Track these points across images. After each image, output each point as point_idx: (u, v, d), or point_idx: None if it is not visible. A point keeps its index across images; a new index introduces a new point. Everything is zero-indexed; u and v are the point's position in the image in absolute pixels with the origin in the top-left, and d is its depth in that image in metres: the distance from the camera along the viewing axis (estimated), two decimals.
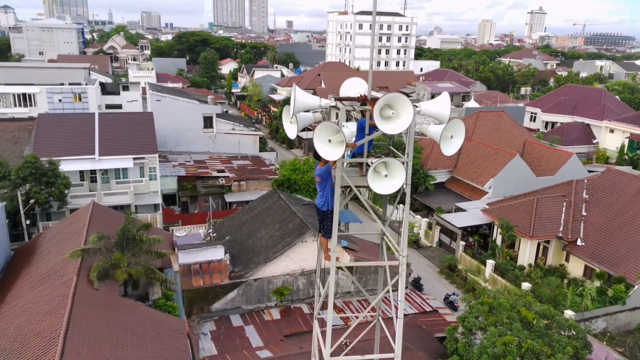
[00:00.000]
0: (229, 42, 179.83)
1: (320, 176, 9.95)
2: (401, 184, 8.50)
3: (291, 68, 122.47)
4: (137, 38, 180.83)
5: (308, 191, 47.51)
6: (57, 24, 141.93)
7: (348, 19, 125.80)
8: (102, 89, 70.01)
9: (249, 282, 28.12)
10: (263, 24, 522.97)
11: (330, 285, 10.06)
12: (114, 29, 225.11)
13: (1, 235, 30.04)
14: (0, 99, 59.54)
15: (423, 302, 30.70)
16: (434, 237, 44.64)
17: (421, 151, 51.83)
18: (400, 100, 7.65)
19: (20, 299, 23.99)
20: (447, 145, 9.02)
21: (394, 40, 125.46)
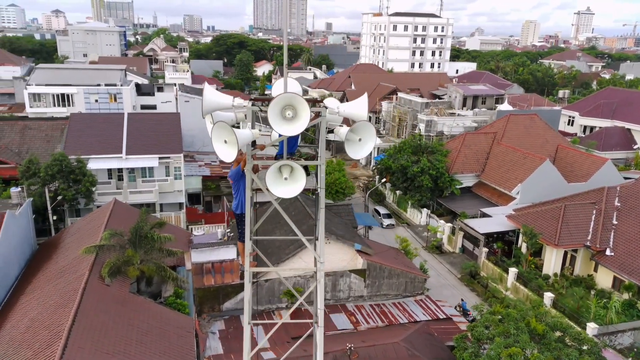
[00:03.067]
0: (266, 45, 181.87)
1: (232, 178, 9.79)
2: (301, 188, 8.23)
3: (324, 70, 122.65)
4: (177, 40, 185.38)
5: (331, 193, 47.39)
6: (100, 27, 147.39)
7: (382, 20, 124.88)
8: (137, 90, 72.07)
9: (260, 282, 28.19)
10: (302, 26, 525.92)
11: (246, 293, 9.82)
12: (155, 32, 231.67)
13: (27, 230, 31.35)
14: (41, 99, 62.14)
15: (437, 309, 29.98)
16: (456, 243, 43.60)
17: (447, 154, 50.82)
18: (297, 101, 7.41)
19: (37, 291, 24.90)
20: (355, 148, 8.68)
21: (428, 41, 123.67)
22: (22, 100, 64.63)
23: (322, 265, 9.71)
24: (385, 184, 55.51)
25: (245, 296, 9.97)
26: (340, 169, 50.21)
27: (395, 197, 54.20)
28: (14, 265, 28.07)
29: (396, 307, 30.21)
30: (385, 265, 30.80)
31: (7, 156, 40.34)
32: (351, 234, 32.96)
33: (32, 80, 63.82)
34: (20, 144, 42.61)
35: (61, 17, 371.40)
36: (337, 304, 29.89)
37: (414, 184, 49.31)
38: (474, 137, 53.87)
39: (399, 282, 31.27)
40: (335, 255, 30.20)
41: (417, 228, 48.52)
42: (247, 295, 9.92)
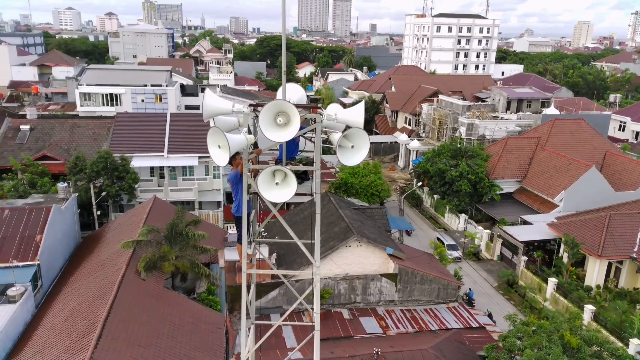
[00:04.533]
0: (308, 46, 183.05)
1: (231, 181, 9.92)
2: (291, 194, 8.24)
3: (365, 72, 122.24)
4: (222, 42, 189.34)
5: (366, 195, 47.22)
6: (149, 29, 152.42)
7: (426, 21, 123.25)
8: (182, 91, 74.22)
9: (291, 282, 28.43)
10: (346, 28, 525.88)
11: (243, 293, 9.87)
12: (201, 34, 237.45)
13: (72, 224, 32.85)
14: (91, 98, 64.97)
15: (470, 317, 29.35)
16: (495, 250, 42.51)
17: (488, 159, 49.67)
18: (288, 108, 7.43)
19: (78, 282, 26.08)
20: (347, 155, 8.57)
21: (473, 43, 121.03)
22: (74, 99, 67.70)
23: (318, 270, 9.73)
24: (423, 188, 54.78)
25: (243, 297, 10.15)
26: (376, 171, 49.96)
27: (433, 201, 53.41)
28: (58, 257, 29.47)
29: (427, 313, 29.79)
30: (418, 271, 30.42)
31: (57, 153, 42.40)
32: (384, 237, 32.74)
33: (83, 80, 66.82)
34: (69, 142, 44.68)
35: (114, 19, 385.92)
36: (367, 307, 29.78)
37: (452, 189, 48.44)
38: (516, 142, 52.41)
39: (431, 288, 30.82)
40: (367, 259, 30.11)
41: (455, 233, 47.61)
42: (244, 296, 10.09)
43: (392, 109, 79.71)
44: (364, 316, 28.82)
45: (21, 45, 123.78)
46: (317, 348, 10.25)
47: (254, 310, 11.36)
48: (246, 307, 10.25)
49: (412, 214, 53.24)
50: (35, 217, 28.06)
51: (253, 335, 11.06)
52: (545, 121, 57.23)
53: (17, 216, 27.64)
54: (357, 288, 29.71)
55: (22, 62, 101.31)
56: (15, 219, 27.48)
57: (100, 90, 64.82)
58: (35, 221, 27.81)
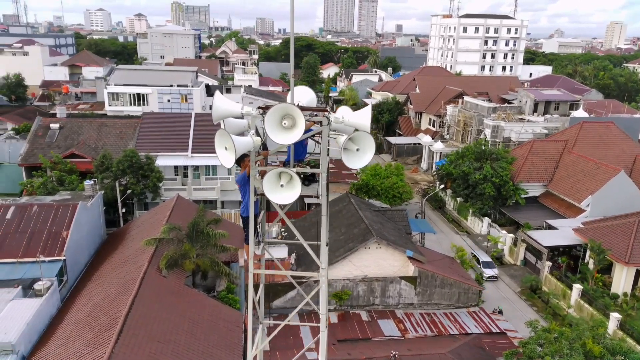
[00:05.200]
0: (333, 47, 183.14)
1: (239, 182, 10.00)
2: (295, 197, 8.25)
3: (390, 72, 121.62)
4: (248, 43, 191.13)
5: (387, 197, 46.98)
6: (176, 30, 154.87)
7: (452, 22, 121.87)
8: (207, 91, 75.17)
9: (309, 283, 28.52)
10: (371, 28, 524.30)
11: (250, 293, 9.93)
12: (227, 35, 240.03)
13: (98, 221, 33.63)
14: (119, 98, 66.39)
15: (491, 323, 28.93)
16: (518, 255, 41.77)
17: (513, 162, 48.83)
18: (293, 111, 7.43)
19: (102, 278, 26.69)
20: (352, 158, 8.52)
21: (500, 44, 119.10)
22: (102, 98, 69.30)
23: (324, 271, 9.74)
24: (446, 191, 54.21)
25: (249, 297, 10.24)
26: (398, 173, 49.65)
27: (456, 204, 52.78)
28: (84, 253, 30.21)
29: (447, 317, 29.49)
30: (438, 274, 30.15)
31: (85, 151, 43.48)
32: (404, 240, 32.55)
33: (111, 80, 68.36)
34: (97, 140, 45.77)
35: (143, 20, 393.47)
36: (386, 310, 29.65)
37: (475, 192, 47.77)
38: (542, 145, 51.40)
39: (451, 292, 30.50)
40: (386, 261, 30.00)
41: (477, 237, 46.99)
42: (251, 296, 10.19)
43: (416, 110, 79.09)
44: (382, 318, 28.71)
45: (53, 46, 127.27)
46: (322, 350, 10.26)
47: (263, 309, 11.46)
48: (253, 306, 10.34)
49: (434, 217, 52.74)
50: (62, 213, 28.82)
51: (261, 335, 11.16)
52: (573, 124, 55.97)
53: (45, 212, 28.44)
54: (375, 290, 29.61)
55: (54, 63, 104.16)
56: (43, 215, 28.29)
57: (128, 90, 66.18)
58: (62, 217, 28.56)
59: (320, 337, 10.34)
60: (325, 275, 9.90)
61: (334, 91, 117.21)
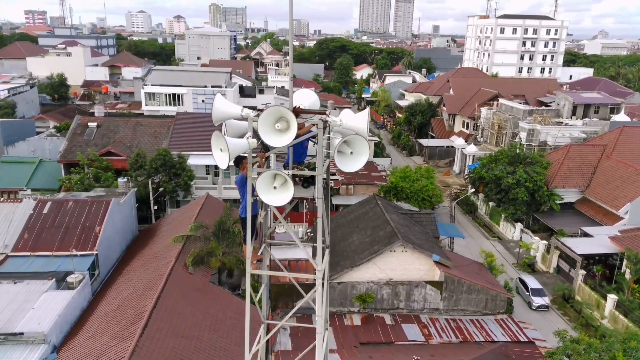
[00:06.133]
0: (367, 48, 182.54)
1: (237, 183, 10.05)
2: (287, 199, 8.22)
3: (424, 74, 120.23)
4: (282, 44, 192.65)
5: (417, 200, 46.47)
6: (213, 32, 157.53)
7: (489, 22, 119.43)
8: (240, 92, 76.27)
9: (333, 284, 28.53)
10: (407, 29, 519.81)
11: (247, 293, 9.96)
12: (263, 36, 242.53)
13: (130, 217, 34.63)
14: (155, 98, 68.14)
15: (518, 331, 28.21)
16: (551, 262, 40.57)
17: (548, 167, 47.50)
18: (286, 114, 7.40)
19: (132, 273, 27.47)
20: (346, 161, 8.44)
21: (539, 45, 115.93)
22: (139, 98, 71.26)
23: (320, 273, 9.73)
24: (478, 195, 53.20)
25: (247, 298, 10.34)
26: (429, 175, 49.05)
27: (488, 209, 51.70)
28: (115, 248, 31.16)
29: (473, 324, 28.93)
30: (465, 280, 29.62)
31: (120, 149, 44.79)
32: (430, 244, 32.13)
33: (148, 80, 70.22)
34: (132, 139, 47.08)
35: (182, 22, 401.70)
36: (411, 314, 29.33)
37: (508, 196, 46.65)
38: (579, 149, 49.78)
39: (478, 298, 29.91)
40: (412, 265, 29.68)
41: (509, 243, 45.93)
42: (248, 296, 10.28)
43: (450, 112, 77.95)
44: (406, 323, 28.41)
45: (95, 47, 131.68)
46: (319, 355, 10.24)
47: (266, 309, 11.58)
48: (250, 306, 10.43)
49: (464, 221, 51.82)
50: (96, 209, 29.81)
51: (264, 334, 11.26)
52: (613, 128, 53.99)
53: (79, 208, 29.48)
54: (400, 294, 29.34)
55: (95, 63, 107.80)
56: (78, 211, 29.33)
57: (164, 91, 67.85)
58: (96, 213, 29.55)
59: (316, 340, 10.33)
60: (321, 277, 9.91)
61: (367, 92, 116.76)
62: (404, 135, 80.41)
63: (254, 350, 10.52)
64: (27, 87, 75.31)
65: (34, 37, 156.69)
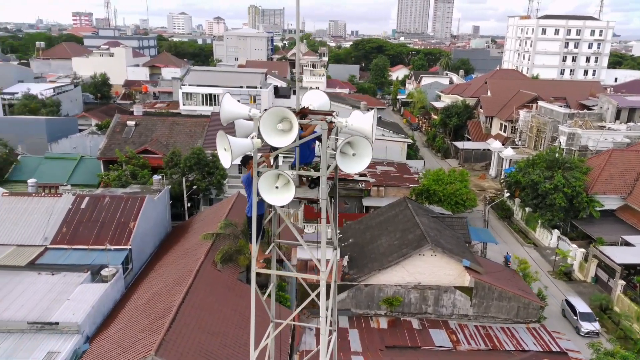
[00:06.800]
0: (404, 49, 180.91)
1: (244, 182, 10.11)
2: (288, 200, 8.17)
3: (461, 75, 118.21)
4: (318, 46, 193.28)
5: (450, 204, 45.73)
6: (250, 33, 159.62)
7: (530, 23, 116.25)
8: (275, 93, 76.93)
9: (360, 286, 28.42)
10: (446, 30, 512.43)
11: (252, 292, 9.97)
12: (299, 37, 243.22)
13: (164, 213, 35.46)
14: (192, 98, 69.57)
15: (551, 341, 27.34)
16: (589, 271, 39.16)
17: (588, 172, 45.87)
18: (288, 115, 7.35)
19: (163, 268, 28.13)
20: (349, 162, 8.32)
21: (583, 46, 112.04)
22: (177, 98, 72.94)
23: (324, 274, 9.71)
24: (514, 200, 51.90)
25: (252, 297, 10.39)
26: (463, 179, 48.17)
27: (524, 214, 50.36)
28: (149, 243, 31.98)
29: (504, 332, 28.22)
30: (496, 286, 28.93)
31: (157, 147, 45.95)
32: (461, 248, 31.53)
33: (186, 81, 71.75)
34: (168, 137, 48.23)
35: (221, 23, 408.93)
36: (439, 319, 28.87)
37: (545, 202, 45.31)
38: (622, 155, 47.89)
39: (510, 305, 29.15)
40: (441, 269, 29.20)
41: (545, 250, 44.62)
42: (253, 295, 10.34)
43: (487, 114, 76.36)
44: (434, 328, 28.00)
45: (137, 48, 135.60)
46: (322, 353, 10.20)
47: (274, 309, 11.67)
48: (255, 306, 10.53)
49: (499, 227, 50.65)
50: (131, 205, 30.67)
51: (273, 334, 11.33)
52: None
53: (115, 204, 30.41)
54: (428, 298, 28.93)
55: (137, 63, 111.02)
56: (114, 206, 30.26)
57: (201, 91, 69.17)
58: (131, 209, 30.40)
59: (320, 342, 10.32)
60: (325, 278, 9.91)
61: (402, 93, 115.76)
62: (439, 138, 79.28)
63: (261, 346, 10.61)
64: (71, 86, 78.25)
65: (80, 38, 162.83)
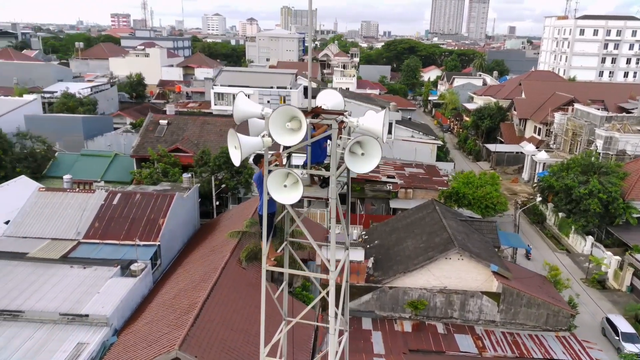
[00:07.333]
0: (437, 49, 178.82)
1: (255, 181, 10.18)
2: (296, 199, 8.12)
3: (495, 76, 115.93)
4: (350, 46, 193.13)
5: (480, 207, 44.94)
6: (282, 34, 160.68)
7: (567, 24, 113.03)
8: (305, 93, 77.23)
9: (384, 288, 28.23)
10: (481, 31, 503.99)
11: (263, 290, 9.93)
12: (331, 38, 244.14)
13: (192, 211, 36.08)
14: (223, 98, 70.48)
15: (581, 350, 26.52)
16: (624, 280, 37.82)
17: (625, 178, 44.34)
18: (297, 114, 7.29)
19: (190, 265, 28.62)
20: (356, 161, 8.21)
21: (623, 47, 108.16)
22: (209, 98, 74.05)
23: (333, 274, 9.68)
24: (547, 204, 50.59)
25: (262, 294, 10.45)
26: (493, 182, 47.26)
27: (557, 219, 49.02)
28: (177, 240, 32.59)
29: (532, 339, 27.54)
30: (524, 293, 28.24)
31: (187, 146, 46.81)
32: (489, 253, 30.93)
33: (217, 81, 72.79)
34: (199, 137, 49.05)
35: (254, 24, 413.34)
36: (465, 324, 28.38)
37: (579, 207, 44.03)
38: None
39: (539, 313, 28.42)
40: (468, 274, 28.71)
41: (578, 257, 43.34)
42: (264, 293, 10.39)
43: (520, 116, 74.70)
44: (459, 333, 27.54)
45: (172, 48, 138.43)
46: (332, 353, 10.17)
47: (287, 307, 11.72)
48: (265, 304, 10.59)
49: (531, 232, 49.50)
50: (161, 202, 31.33)
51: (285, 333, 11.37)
52: None
53: (146, 200, 31.12)
54: (454, 303, 28.49)
55: (171, 64, 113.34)
56: (144, 203, 30.97)
57: (232, 91, 69.92)
58: (160, 206, 31.05)
59: (329, 341, 10.30)
60: (334, 278, 9.90)
61: (434, 94, 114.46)
62: (470, 140, 78.01)
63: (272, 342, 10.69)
64: (108, 86, 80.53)
65: (117, 39, 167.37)
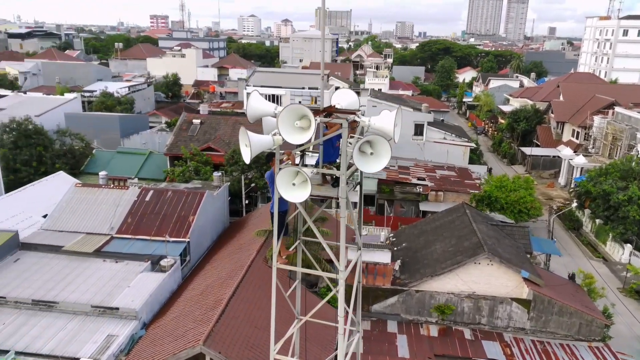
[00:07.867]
0: (473, 50, 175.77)
1: (267, 179, 10.19)
2: (304, 197, 8.05)
3: (533, 78, 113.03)
4: (384, 47, 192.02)
5: (513, 212, 43.93)
6: (315, 35, 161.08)
7: (610, 24, 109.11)
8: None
9: (410, 292, 27.91)
10: (519, 31, 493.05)
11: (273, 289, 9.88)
12: (364, 39, 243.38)
13: (222, 209, 36.64)
14: None
15: None
16: None
17: None
18: (306, 112, 7.21)
19: (218, 262, 29.07)
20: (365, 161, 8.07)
21: None
22: (242, 98, 75.09)
23: (342, 274, 9.61)
24: (583, 210, 49.01)
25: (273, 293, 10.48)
26: (528, 186, 46.11)
27: (594, 226, 47.42)
28: (207, 237, 33.15)
29: (563, 349, 26.71)
30: (556, 300, 27.42)
31: (219, 145, 47.56)
32: (520, 259, 30.17)
33: (250, 81, 73.70)
34: (230, 136, 49.73)
35: (289, 25, 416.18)
36: (493, 331, 27.76)
37: (617, 214, 42.51)
38: None
39: (571, 321, 27.53)
40: (498, 279, 28.08)
41: (616, 265, 41.80)
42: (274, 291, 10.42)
43: (558, 119, 72.65)
44: (487, 339, 26.96)
45: (207, 49, 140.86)
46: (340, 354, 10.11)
47: (299, 306, 11.73)
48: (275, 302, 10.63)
49: (566, 238, 48.02)
50: (191, 199, 31.94)
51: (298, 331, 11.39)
52: None
53: (177, 198, 31.79)
54: (482, 309, 27.91)
55: (206, 64, 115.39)
56: (175, 200, 31.64)
57: (264, 91, 70.62)
58: (191, 203, 31.66)
59: (338, 342, 10.27)
60: (343, 277, 9.87)
61: (469, 96, 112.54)
62: (505, 143, 76.33)
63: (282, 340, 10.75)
64: (145, 85, 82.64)
65: (155, 40, 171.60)
